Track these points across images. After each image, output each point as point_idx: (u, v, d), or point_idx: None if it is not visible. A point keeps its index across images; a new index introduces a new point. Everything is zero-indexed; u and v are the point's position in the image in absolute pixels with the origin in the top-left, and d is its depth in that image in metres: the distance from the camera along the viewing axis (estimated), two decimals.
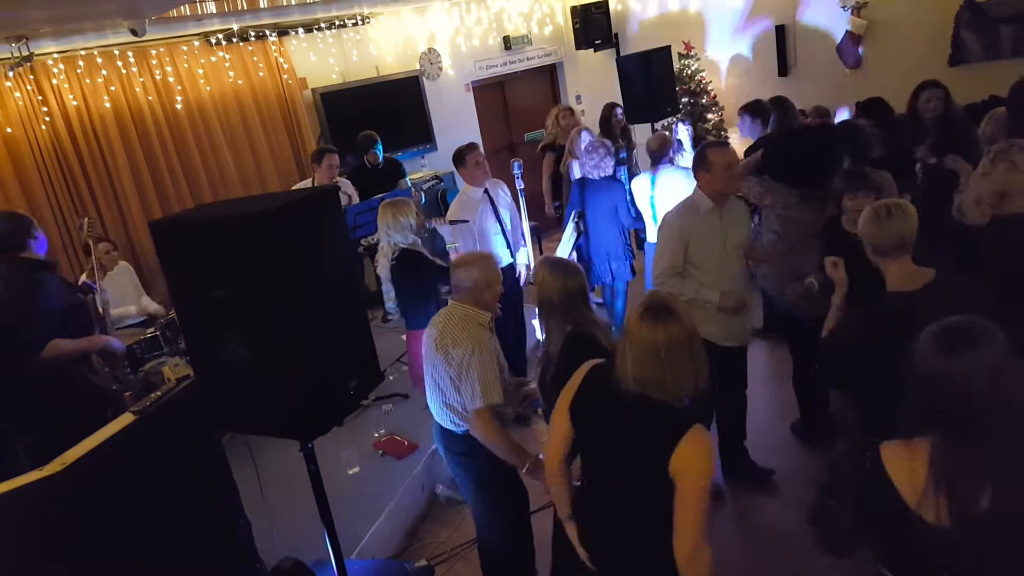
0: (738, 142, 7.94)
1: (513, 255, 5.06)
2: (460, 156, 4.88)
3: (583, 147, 5.31)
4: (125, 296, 5.38)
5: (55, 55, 5.73)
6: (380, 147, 6.53)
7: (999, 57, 6.49)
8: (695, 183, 3.66)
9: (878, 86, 6.87)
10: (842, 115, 6.29)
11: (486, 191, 4.90)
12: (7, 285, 3.49)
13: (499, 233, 4.89)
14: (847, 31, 7.42)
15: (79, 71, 5.89)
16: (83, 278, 4.39)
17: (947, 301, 2.49)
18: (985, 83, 5.01)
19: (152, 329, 4.86)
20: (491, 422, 2.85)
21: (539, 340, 4.63)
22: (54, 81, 5.77)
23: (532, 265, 4.57)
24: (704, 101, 8.35)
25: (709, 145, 3.67)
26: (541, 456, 2.84)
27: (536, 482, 2.85)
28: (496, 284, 2.99)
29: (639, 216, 5.25)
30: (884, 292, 2.61)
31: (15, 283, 3.49)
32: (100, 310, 3.90)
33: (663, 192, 5.00)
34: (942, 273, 2.58)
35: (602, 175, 5.14)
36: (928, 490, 1.63)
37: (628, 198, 5.29)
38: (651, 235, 5.28)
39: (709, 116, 8.17)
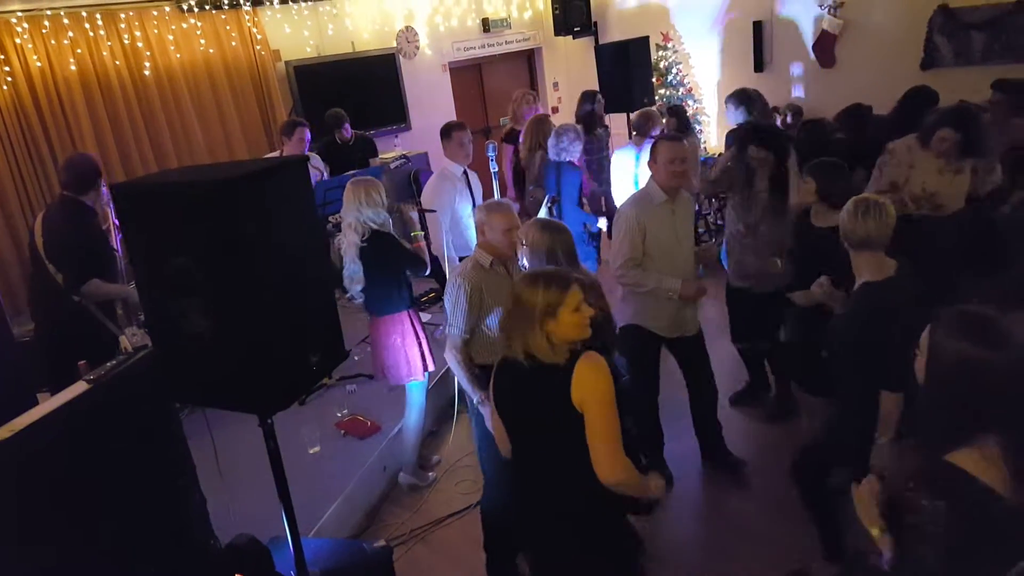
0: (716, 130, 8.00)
1: None
2: (448, 130, 4.83)
3: (554, 131, 5.26)
4: None
5: (19, 13, 5.54)
6: (347, 125, 6.42)
7: (970, 63, 6.60)
8: None
9: (851, 86, 6.96)
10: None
11: (466, 172, 4.85)
12: (64, 220, 3.96)
13: (472, 216, 4.85)
14: (823, 30, 7.48)
15: (44, 32, 5.71)
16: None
17: (912, 288, 2.61)
18: (956, 88, 5.09)
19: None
20: (452, 348, 3.10)
21: None
22: (17, 40, 5.58)
23: None
24: (680, 93, 8.38)
25: (661, 137, 3.75)
26: None
27: None
28: (501, 227, 3.06)
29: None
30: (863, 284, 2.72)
31: (71, 220, 3.96)
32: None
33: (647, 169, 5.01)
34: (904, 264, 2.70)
35: (567, 159, 5.12)
36: (1013, 486, 1.58)
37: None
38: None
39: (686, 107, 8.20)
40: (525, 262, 3.14)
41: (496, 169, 4.84)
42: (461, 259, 4.51)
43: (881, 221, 2.64)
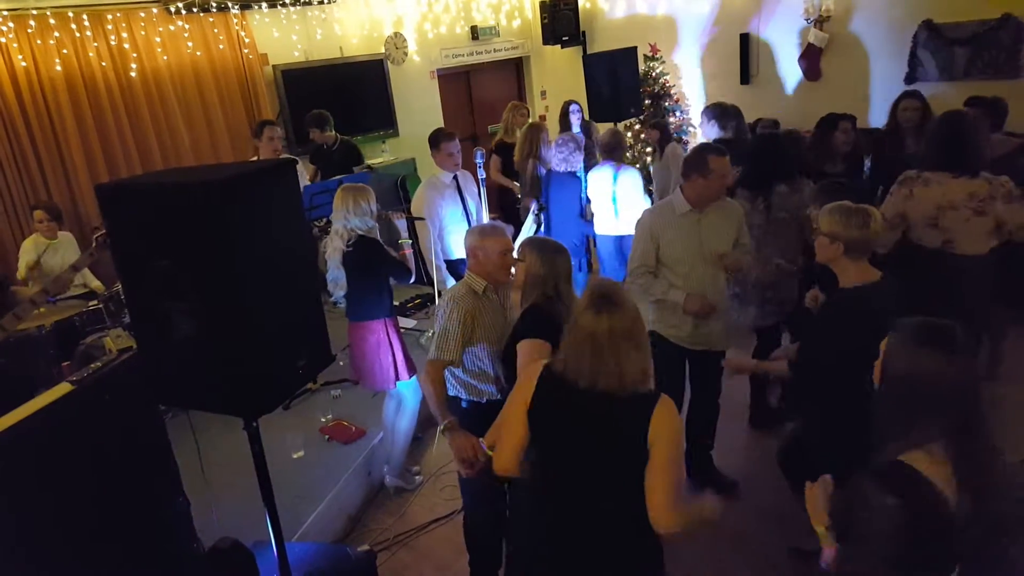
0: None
1: None
2: (436, 140, 4.82)
3: (556, 141, 5.27)
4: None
5: (4, 12, 5.50)
6: (328, 127, 6.38)
7: (953, 78, 6.70)
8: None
9: (837, 99, 7.02)
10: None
11: (455, 177, 4.86)
12: None
13: (463, 222, 4.84)
14: (809, 43, 7.56)
15: (30, 31, 5.67)
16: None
17: (892, 297, 2.63)
18: (939, 102, 5.17)
19: (95, 301, 4.71)
20: (433, 372, 2.93)
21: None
22: (2, 40, 5.54)
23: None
24: (667, 104, 8.44)
25: (709, 150, 3.45)
26: (483, 444, 2.71)
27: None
28: (496, 250, 2.97)
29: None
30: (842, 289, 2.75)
31: None
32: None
33: (625, 190, 5.03)
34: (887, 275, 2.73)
35: (569, 169, 5.13)
36: (957, 487, 1.65)
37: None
38: (608, 228, 5.33)
39: (671, 120, 8.25)
40: (517, 287, 2.99)
41: (484, 176, 4.85)
42: (446, 262, 4.52)
43: (865, 225, 2.64)
